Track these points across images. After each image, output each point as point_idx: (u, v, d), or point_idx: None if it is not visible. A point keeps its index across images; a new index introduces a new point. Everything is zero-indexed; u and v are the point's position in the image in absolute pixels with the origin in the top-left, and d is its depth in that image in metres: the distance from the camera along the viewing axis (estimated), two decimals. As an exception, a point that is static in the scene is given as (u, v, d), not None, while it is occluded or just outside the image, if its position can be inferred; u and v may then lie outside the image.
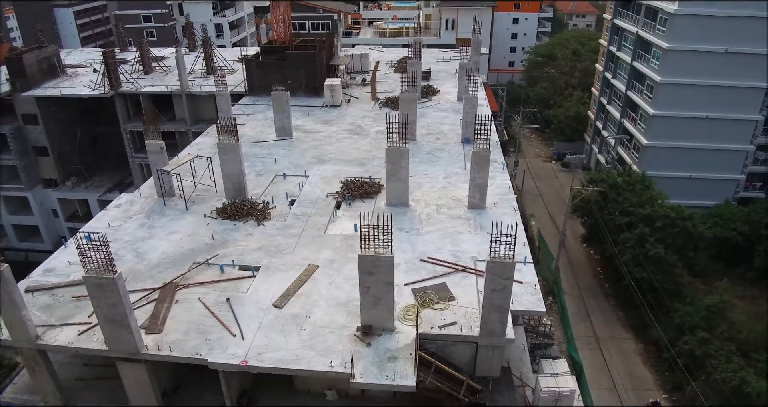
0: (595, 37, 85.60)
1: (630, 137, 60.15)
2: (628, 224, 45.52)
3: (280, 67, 42.29)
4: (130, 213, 26.11)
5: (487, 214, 25.04)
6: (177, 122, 46.91)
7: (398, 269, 19.73)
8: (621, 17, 65.09)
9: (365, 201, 26.60)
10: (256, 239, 23.65)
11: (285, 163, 31.35)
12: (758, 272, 48.00)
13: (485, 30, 76.83)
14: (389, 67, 52.06)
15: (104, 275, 16.41)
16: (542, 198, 64.21)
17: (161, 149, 27.16)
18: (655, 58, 55.48)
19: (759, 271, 47.93)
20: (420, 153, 31.83)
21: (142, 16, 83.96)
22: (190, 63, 49.82)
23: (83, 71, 51.20)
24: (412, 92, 32.82)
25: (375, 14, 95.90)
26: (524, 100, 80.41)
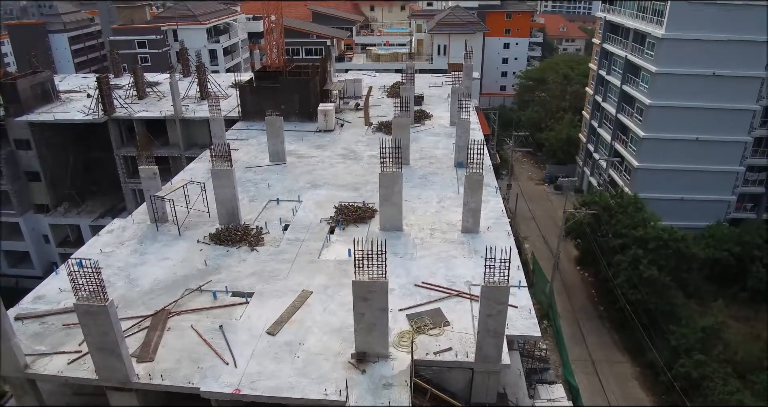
0: (585, 62, 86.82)
1: (621, 159, 60.63)
2: (622, 246, 45.60)
3: (274, 93, 42.60)
4: (122, 239, 25.96)
5: (481, 238, 25.06)
6: (170, 147, 46.95)
7: (392, 294, 19.63)
8: (610, 42, 66.14)
9: (359, 226, 26.58)
10: (250, 264, 23.52)
11: (278, 188, 31.37)
12: (752, 292, 48.05)
13: (477, 55, 77.88)
14: (382, 92, 52.53)
15: (95, 302, 16.22)
16: (535, 221, 64.36)
17: (154, 174, 27.14)
18: (644, 82, 56.27)
19: (752, 291, 47.98)
20: (413, 177, 31.94)
21: (137, 42, 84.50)
22: (184, 88, 50.10)
23: (77, 96, 51.36)
24: (405, 117, 33.06)
25: (368, 40, 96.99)
26: (516, 124, 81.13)
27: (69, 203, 49.96)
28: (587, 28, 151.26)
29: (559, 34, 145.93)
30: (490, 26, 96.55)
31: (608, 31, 66.74)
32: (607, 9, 67.05)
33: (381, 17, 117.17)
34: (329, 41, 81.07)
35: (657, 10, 54.02)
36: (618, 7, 64.26)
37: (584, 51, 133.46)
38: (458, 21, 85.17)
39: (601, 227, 48.17)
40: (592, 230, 48.48)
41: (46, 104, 48.21)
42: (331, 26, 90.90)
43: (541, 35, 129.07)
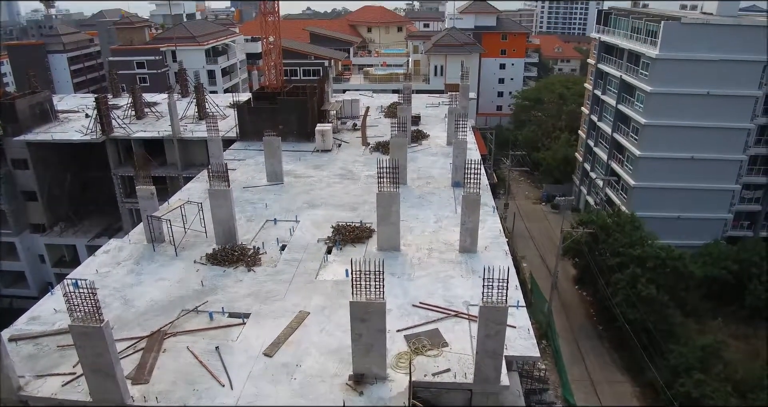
0: (580, 82, 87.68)
1: (618, 178, 60.91)
2: (620, 265, 45.60)
3: (272, 113, 42.83)
4: (118, 259, 25.84)
5: (479, 258, 25.02)
6: (168, 167, 47.01)
7: (390, 315, 19.52)
8: (605, 62, 66.87)
9: (356, 246, 26.53)
10: (247, 285, 23.41)
11: (276, 208, 31.36)
12: (750, 310, 48.01)
13: (473, 75, 78.54)
14: (379, 112, 52.85)
15: (90, 323, 16.09)
16: (533, 240, 64.35)
17: (152, 194, 27.13)
18: (639, 101, 56.80)
19: (751, 309, 47.94)
20: (411, 197, 31.98)
21: (136, 63, 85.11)
22: (182, 108, 50.35)
23: (75, 116, 51.54)
24: (402, 137, 33.21)
25: (365, 61, 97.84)
26: (513, 144, 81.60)
27: (65, 223, 49.85)
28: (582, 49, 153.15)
29: (555, 55, 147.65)
30: (486, 47, 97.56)
31: (603, 51, 67.53)
32: (601, 30, 67.92)
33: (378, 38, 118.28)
34: (327, 62, 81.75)
35: (651, 30, 54.79)
36: (612, 28, 65.12)
37: (579, 71, 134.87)
38: (455, 42, 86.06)
39: (599, 246, 48.19)
40: (589, 249, 48.49)
41: (44, 124, 48.37)
42: (328, 47, 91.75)
43: (537, 56, 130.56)
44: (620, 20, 62.99)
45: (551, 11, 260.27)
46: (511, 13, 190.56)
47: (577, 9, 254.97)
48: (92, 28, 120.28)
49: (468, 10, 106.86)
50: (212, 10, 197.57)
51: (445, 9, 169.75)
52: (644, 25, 56.16)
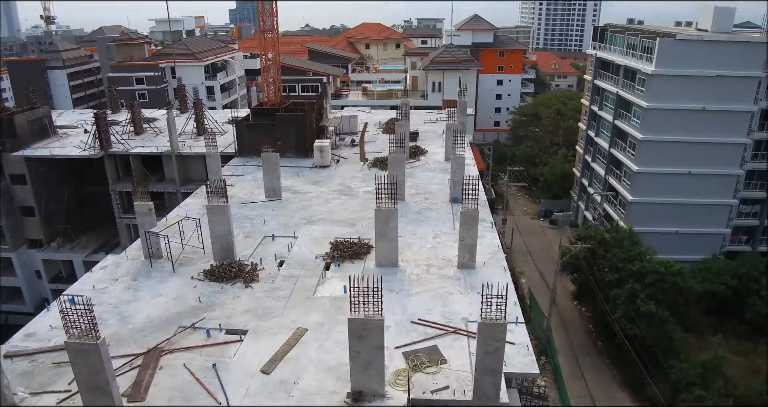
0: (577, 97, 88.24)
1: (615, 193, 61.02)
2: (618, 281, 45.48)
3: (270, 129, 42.96)
4: (115, 275, 25.74)
5: (477, 274, 24.96)
6: (166, 183, 47.04)
7: (389, 331, 19.41)
8: (601, 78, 67.35)
9: (354, 262, 26.46)
10: (244, 301, 23.30)
11: (274, 224, 31.33)
12: (750, 325, 47.87)
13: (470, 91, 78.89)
14: (377, 128, 53.05)
15: (87, 340, 15.98)
16: (531, 256, 64.24)
17: (149, 210, 27.11)
18: (636, 117, 57.11)
19: (751, 325, 47.79)
20: (409, 213, 31.98)
21: (135, 79, 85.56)
22: (181, 124, 50.50)
23: (74, 132, 51.69)
24: (400, 153, 33.31)
25: (363, 77, 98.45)
26: (510, 159, 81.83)
27: (63, 239, 49.70)
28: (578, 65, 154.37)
29: (551, 71, 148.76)
30: (484, 63, 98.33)
31: (599, 67, 68.05)
32: (597, 46, 68.50)
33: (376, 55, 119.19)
34: (325, 78, 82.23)
35: (646, 47, 55.28)
36: (608, 45, 65.68)
37: (576, 87, 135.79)
38: (452, 58, 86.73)
39: (598, 262, 48.12)
40: (588, 264, 48.41)
41: (42, 139, 48.47)
42: (327, 64, 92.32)
43: (534, 72, 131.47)
44: (616, 37, 63.59)
45: (548, 28, 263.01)
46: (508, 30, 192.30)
47: (573, 26, 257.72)
48: (92, 45, 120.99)
49: (465, 27, 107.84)
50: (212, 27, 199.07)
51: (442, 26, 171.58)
52: (640, 42, 56.68)
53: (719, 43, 52.33)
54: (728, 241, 58.19)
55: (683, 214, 56.15)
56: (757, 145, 55.68)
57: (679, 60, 52.38)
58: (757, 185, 57.14)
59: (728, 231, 57.46)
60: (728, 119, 53.44)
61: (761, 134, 54.98)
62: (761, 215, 58.00)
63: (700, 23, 59.25)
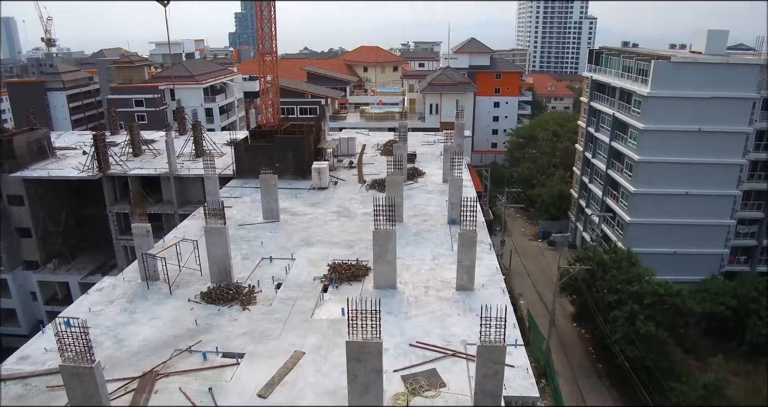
0: (574, 119, 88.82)
1: (613, 214, 61.11)
2: (617, 302, 45.30)
3: (269, 151, 43.08)
4: (112, 297, 25.57)
5: (476, 296, 24.84)
6: (164, 204, 47.00)
7: (387, 354, 19.26)
8: (597, 100, 67.91)
9: (352, 284, 26.35)
10: (241, 324, 23.12)
11: (272, 246, 31.25)
12: (750, 346, 47.57)
13: (468, 113, 79.64)
14: (375, 150, 53.27)
15: (81, 363, 15.83)
16: (530, 277, 64.03)
17: (147, 232, 27.04)
18: (632, 138, 57.47)
19: (751, 345, 47.49)
20: (407, 235, 31.95)
21: (134, 101, 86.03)
22: (179, 146, 50.65)
23: (73, 153, 51.81)
24: (398, 175, 33.41)
25: (361, 99, 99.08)
26: (508, 180, 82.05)
27: (59, 260, 49.46)
28: (575, 87, 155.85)
29: (548, 93, 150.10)
30: (481, 86, 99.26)
31: (595, 89, 68.67)
32: (593, 69, 69.21)
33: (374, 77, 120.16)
34: (324, 101, 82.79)
35: (641, 69, 55.88)
36: (604, 67, 66.39)
37: (572, 109, 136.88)
38: (449, 81, 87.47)
39: (596, 283, 47.96)
40: (587, 285, 48.25)
41: (41, 161, 48.57)
42: (325, 86, 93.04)
43: (530, 94, 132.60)
44: (611, 59, 64.30)
45: (543, 50, 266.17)
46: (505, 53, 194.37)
47: (569, 48, 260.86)
48: (92, 67, 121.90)
49: (462, 50, 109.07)
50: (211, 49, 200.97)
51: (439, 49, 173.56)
52: (635, 64, 57.32)
53: (713, 65, 52.97)
54: (727, 261, 58.14)
55: (681, 234, 56.20)
56: (753, 165, 56.02)
57: (675, 82, 52.92)
58: (755, 205, 57.34)
59: (726, 251, 57.46)
60: (724, 140, 53.82)
61: (757, 154, 55.34)
62: (759, 235, 58.07)
63: (694, 46, 60.05)
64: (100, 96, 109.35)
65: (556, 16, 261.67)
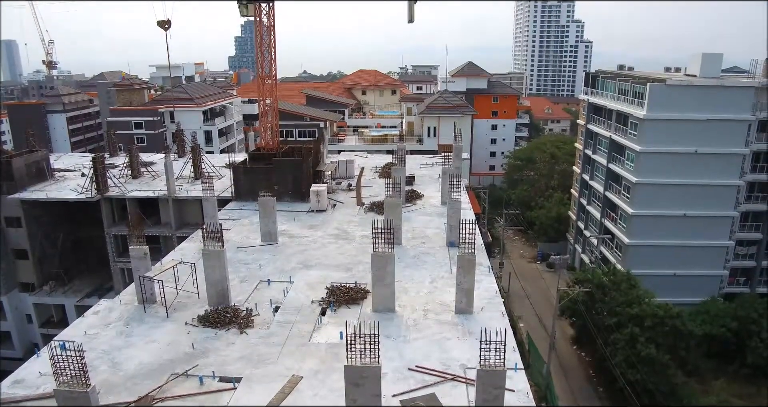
0: (571, 141, 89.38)
1: (612, 236, 61.11)
2: (617, 324, 45.04)
3: (267, 174, 43.19)
4: (108, 321, 25.35)
5: (475, 319, 24.68)
6: (162, 227, 46.92)
7: (385, 379, 19.04)
8: (594, 123, 68.43)
9: (351, 307, 26.17)
10: (238, 348, 22.90)
11: (270, 268, 31.12)
12: (752, 368, 47.18)
13: (466, 136, 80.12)
14: (374, 172, 53.40)
15: (77, 388, 15.64)
16: (529, 299, 63.71)
17: (145, 254, 26.94)
18: (630, 160, 57.78)
19: (753, 368, 47.10)
20: (406, 257, 31.85)
21: (134, 123, 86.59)
22: (178, 168, 50.75)
23: (71, 175, 51.88)
24: (396, 197, 33.44)
25: (360, 122, 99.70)
26: (506, 202, 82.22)
27: (55, 282, 49.15)
28: (571, 110, 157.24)
29: (545, 116, 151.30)
30: (478, 109, 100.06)
31: (592, 112, 69.24)
32: (589, 92, 69.89)
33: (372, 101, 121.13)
34: (322, 123, 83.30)
35: (637, 92, 56.44)
36: (600, 90, 67.04)
37: (570, 131, 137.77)
38: (447, 104, 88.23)
39: (596, 305, 47.75)
40: (586, 308, 48.02)
41: (39, 182, 48.61)
42: (324, 109, 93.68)
43: (528, 117, 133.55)
44: (607, 83, 64.99)
45: (540, 74, 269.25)
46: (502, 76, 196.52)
47: (565, 71, 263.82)
48: (93, 89, 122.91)
49: (460, 74, 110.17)
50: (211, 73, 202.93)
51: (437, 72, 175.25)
52: (631, 87, 57.92)
53: (708, 88, 53.57)
54: (726, 283, 58.05)
55: (680, 256, 56.19)
56: (751, 186, 56.27)
57: (670, 104, 53.44)
58: (753, 226, 57.46)
59: (726, 273, 57.39)
60: (721, 162, 54.18)
61: (754, 175, 55.63)
62: (758, 256, 58.07)
63: (689, 69, 60.76)
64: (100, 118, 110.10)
65: (552, 40, 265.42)
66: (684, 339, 45.11)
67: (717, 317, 49.27)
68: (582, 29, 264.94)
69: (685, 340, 45.18)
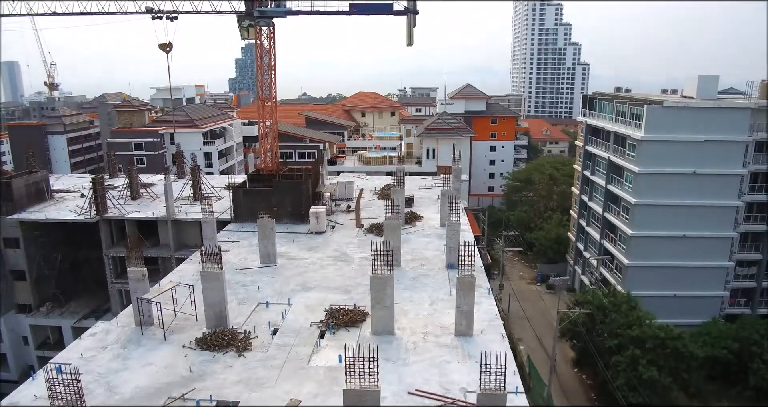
0: (569, 163, 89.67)
1: (611, 257, 60.96)
2: (618, 347, 44.69)
3: (267, 195, 43.26)
4: (105, 343, 25.14)
5: (475, 342, 24.50)
6: (161, 248, 46.81)
7: (385, 403, 18.81)
8: (592, 144, 68.74)
9: (350, 330, 25.98)
10: (236, 371, 22.67)
11: (268, 290, 30.97)
12: (755, 390, 46.67)
13: (464, 158, 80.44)
14: (373, 194, 53.48)
15: (72, 414, 15.45)
16: (529, 321, 63.31)
17: (143, 276, 26.83)
18: (628, 181, 57.91)
19: (756, 390, 46.60)
20: (405, 279, 31.74)
21: (134, 144, 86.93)
22: (178, 189, 50.80)
23: (71, 196, 51.93)
24: (395, 219, 33.46)
25: (359, 144, 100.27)
26: (505, 224, 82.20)
27: (52, 304, 48.87)
28: (569, 132, 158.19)
29: (543, 137, 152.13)
30: (477, 130, 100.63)
31: (590, 134, 69.59)
32: (587, 114, 70.34)
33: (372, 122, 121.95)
34: (322, 145, 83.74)
35: (634, 114, 56.82)
36: (597, 112, 67.50)
37: (568, 152, 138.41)
38: (446, 126, 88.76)
39: (597, 327, 47.44)
40: (587, 330, 47.69)
41: (39, 203, 48.63)
42: (323, 131, 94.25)
43: (526, 138, 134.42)
44: (605, 104, 65.45)
45: (538, 95, 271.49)
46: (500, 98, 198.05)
47: (563, 93, 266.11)
48: (94, 110, 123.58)
49: (458, 96, 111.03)
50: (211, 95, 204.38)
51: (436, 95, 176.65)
52: (628, 109, 58.32)
53: (705, 109, 53.95)
54: (727, 304, 57.78)
55: (680, 277, 56.00)
56: (749, 207, 56.34)
57: (668, 126, 53.77)
58: (752, 246, 57.40)
59: (726, 294, 57.15)
60: (719, 182, 54.34)
61: (752, 196, 55.75)
62: (758, 277, 57.90)
63: (686, 90, 61.27)
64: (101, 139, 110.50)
65: (549, 62, 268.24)
66: (686, 361, 44.70)
67: (718, 338, 48.91)
68: (579, 52, 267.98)
69: (686, 362, 44.77)
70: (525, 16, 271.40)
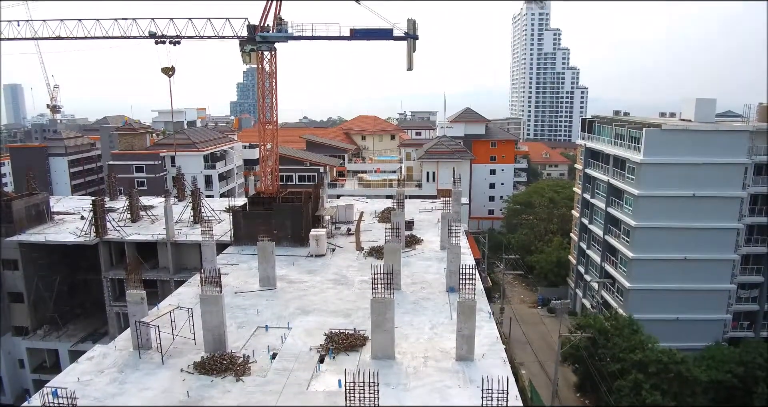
0: (569, 186, 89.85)
1: (613, 280, 60.71)
2: (621, 371, 44.26)
3: (267, 218, 43.23)
4: (102, 367, 24.87)
5: (476, 366, 24.23)
6: (160, 271, 46.62)
7: (385, 429, 18.55)
8: (592, 167, 68.98)
9: (350, 354, 25.72)
10: (234, 396, 22.38)
11: (268, 314, 30.75)
12: (761, 414, 46.05)
13: (464, 181, 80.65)
14: (373, 217, 53.47)
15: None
16: (530, 345, 62.75)
17: (142, 299, 26.64)
18: (628, 204, 57.98)
19: (761, 414, 46.00)
20: (405, 303, 31.53)
21: (135, 167, 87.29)
22: (178, 212, 50.81)
23: (71, 218, 51.90)
24: (396, 242, 33.36)
25: (359, 167, 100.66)
26: (506, 247, 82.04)
27: (49, 326, 48.45)
28: (569, 154, 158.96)
29: (543, 160, 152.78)
30: (476, 154, 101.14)
31: (589, 157, 69.90)
32: (586, 137, 70.74)
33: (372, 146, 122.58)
34: (322, 168, 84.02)
35: (633, 137, 57.14)
36: (596, 135, 67.88)
37: (568, 175, 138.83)
38: (446, 149, 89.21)
39: (599, 351, 47.00)
40: (589, 354, 47.24)
41: (39, 225, 48.58)
42: (324, 154, 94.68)
43: (526, 161, 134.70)
44: (603, 128, 65.86)
45: (537, 119, 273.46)
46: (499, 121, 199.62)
47: (562, 116, 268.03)
48: (96, 133, 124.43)
49: (458, 119, 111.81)
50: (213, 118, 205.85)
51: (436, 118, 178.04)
52: (627, 132, 58.68)
53: (704, 132, 54.33)
54: (730, 327, 57.36)
55: (682, 300, 55.71)
56: (750, 229, 56.30)
57: (667, 149, 54.04)
58: (754, 269, 57.22)
59: (729, 317, 56.77)
60: (719, 205, 54.42)
61: (752, 218, 55.75)
62: (761, 300, 57.59)
63: (684, 113, 61.74)
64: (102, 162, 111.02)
65: (548, 86, 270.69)
66: (689, 386, 44.21)
67: (722, 362, 48.43)
68: (577, 76, 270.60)
69: (690, 387, 44.28)
70: (523, 41, 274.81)
